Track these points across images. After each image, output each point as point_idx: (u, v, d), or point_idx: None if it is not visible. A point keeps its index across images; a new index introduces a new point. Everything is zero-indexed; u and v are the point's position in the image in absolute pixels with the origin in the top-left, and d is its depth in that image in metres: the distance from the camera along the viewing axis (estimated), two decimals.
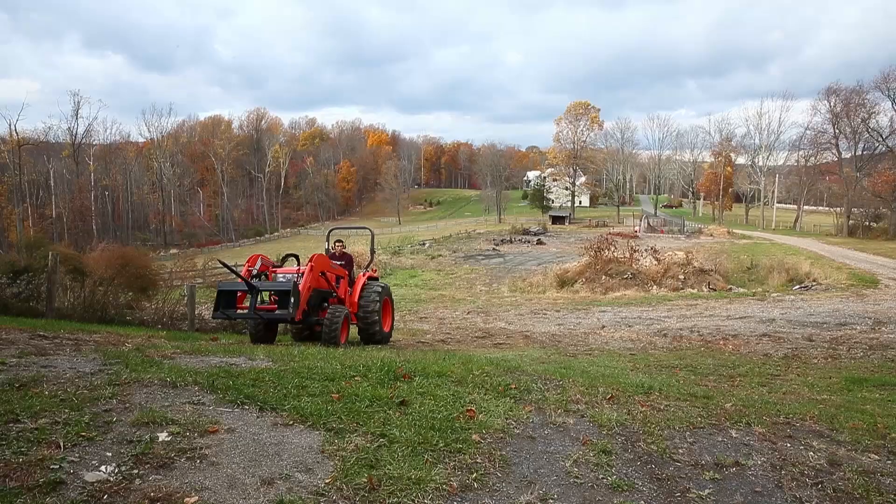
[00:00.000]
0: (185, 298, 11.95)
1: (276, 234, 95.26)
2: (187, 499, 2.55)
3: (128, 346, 6.23)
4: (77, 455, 2.84)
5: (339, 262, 10.19)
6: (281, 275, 9.02)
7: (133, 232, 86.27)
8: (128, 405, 3.60)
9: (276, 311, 8.33)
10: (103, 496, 2.51)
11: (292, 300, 8.08)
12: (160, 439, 3.12)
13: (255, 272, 8.70)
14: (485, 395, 4.66)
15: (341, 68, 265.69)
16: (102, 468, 2.75)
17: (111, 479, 2.66)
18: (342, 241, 10.96)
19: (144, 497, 2.53)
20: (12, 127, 70.03)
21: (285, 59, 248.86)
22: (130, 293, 12.43)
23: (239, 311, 8.60)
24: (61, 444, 2.91)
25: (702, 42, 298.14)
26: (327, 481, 2.87)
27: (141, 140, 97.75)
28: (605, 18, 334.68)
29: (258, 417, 3.67)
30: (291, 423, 3.61)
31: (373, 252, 13.11)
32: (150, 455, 2.91)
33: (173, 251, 57.80)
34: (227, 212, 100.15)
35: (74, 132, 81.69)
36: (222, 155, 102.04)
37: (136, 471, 2.76)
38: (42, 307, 10.22)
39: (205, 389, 4.10)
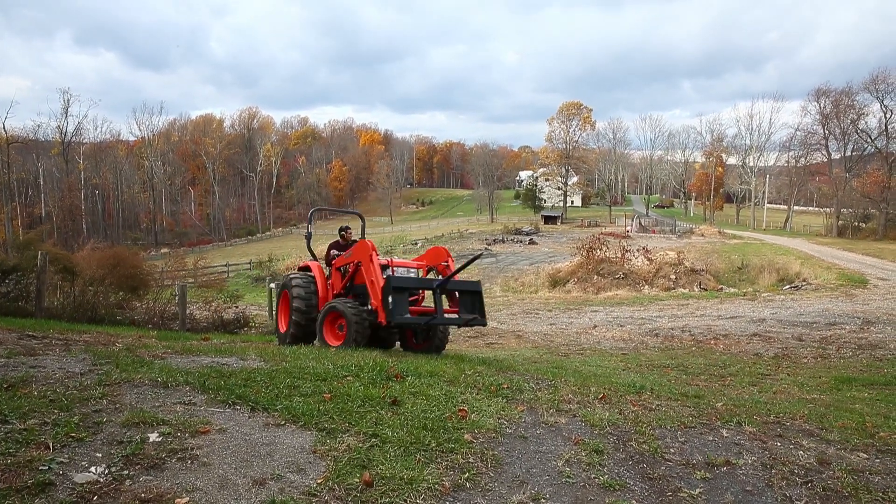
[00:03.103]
0: (177, 298, 11.89)
1: (267, 233, 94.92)
2: (178, 500, 2.54)
3: (118, 346, 6.18)
4: (66, 456, 2.81)
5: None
6: (403, 269, 7.76)
7: (123, 231, 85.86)
8: (118, 405, 3.58)
9: (471, 316, 7.00)
10: (93, 497, 2.49)
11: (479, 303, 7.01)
12: (151, 440, 3.10)
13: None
14: (477, 394, 4.66)
15: (336, 67, 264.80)
16: (92, 469, 2.72)
17: (101, 480, 2.64)
18: (350, 228, 9.50)
19: (135, 498, 2.51)
20: (1, 125, 69.49)
21: (280, 58, 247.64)
22: (121, 293, 12.34)
23: (414, 315, 7.04)
24: (50, 445, 2.88)
25: (698, 42, 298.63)
26: (319, 481, 2.86)
27: (132, 139, 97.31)
28: (604, 18, 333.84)
29: (250, 418, 3.65)
30: (283, 423, 3.59)
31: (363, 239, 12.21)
32: (140, 456, 2.89)
33: (164, 250, 57.71)
34: (218, 211, 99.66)
35: (64, 130, 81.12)
36: (214, 154, 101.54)
37: (126, 472, 2.74)
38: (31, 307, 10.13)
39: (196, 389, 4.07)
